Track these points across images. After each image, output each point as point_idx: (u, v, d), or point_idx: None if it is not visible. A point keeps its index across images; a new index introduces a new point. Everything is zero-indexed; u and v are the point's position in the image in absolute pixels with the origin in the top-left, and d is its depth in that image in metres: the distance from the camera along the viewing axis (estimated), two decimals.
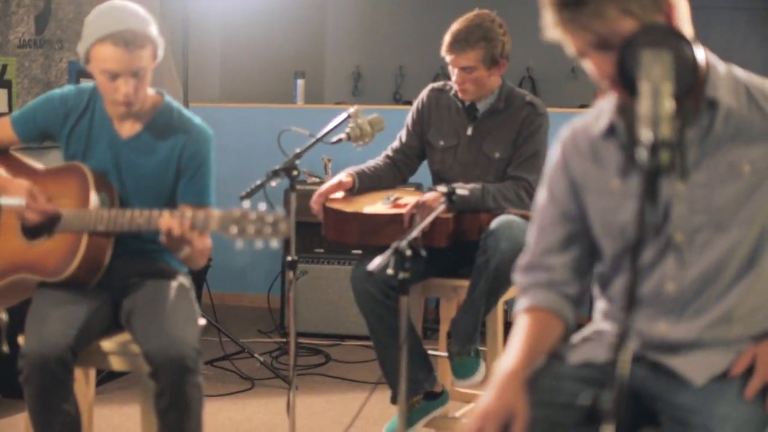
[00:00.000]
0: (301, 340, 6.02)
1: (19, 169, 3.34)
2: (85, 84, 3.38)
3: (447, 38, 3.91)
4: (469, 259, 3.82)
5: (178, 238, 2.93)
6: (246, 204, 2.84)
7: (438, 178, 4.07)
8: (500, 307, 3.89)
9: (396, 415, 3.90)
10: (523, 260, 2.43)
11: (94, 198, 3.14)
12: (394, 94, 9.52)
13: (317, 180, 6.34)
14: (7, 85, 5.64)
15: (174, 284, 3.25)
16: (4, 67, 5.61)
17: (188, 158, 3.28)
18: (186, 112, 3.37)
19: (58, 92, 3.37)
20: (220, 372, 5.39)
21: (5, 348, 2.43)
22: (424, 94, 4.15)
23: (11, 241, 3.21)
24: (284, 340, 6.08)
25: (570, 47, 2.16)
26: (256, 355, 5.41)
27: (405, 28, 9.51)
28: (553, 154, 2.38)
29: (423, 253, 3.15)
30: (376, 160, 4.16)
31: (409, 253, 3.06)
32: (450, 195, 3.59)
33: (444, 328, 4.28)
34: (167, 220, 2.92)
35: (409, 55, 9.46)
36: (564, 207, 2.35)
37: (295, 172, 3.49)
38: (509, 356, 2.25)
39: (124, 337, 3.17)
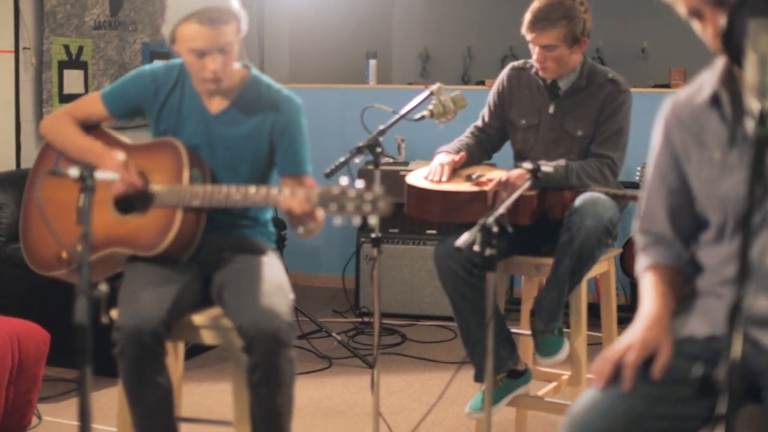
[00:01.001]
0: None
1: (110, 144, 3.38)
2: (174, 60, 3.43)
3: (527, 16, 3.90)
4: (552, 236, 3.82)
5: (301, 216, 2.96)
6: (344, 181, 2.86)
7: (520, 157, 4.06)
8: (583, 285, 3.88)
9: (478, 393, 3.92)
10: (637, 224, 2.47)
11: (187, 174, 3.18)
12: (462, 75, 9.50)
13: (390, 160, 6.37)
14: (83, 66, 5.73)
15: (264, 259, 3.28)
16: (81, 48, 5.69)
17: (280, 131, 3.31)
18: (274, 83, 3.40)
19: (149, 68, 3.42)
20: (297, 351, 5.39)
21: (105, 320, 2.47)
22: (504, 73, 4.15)
23: (105, 215, 3.25)
24: (360, 319, 6.13)
25: (682, 6, 2.15)
26: (334, 334, 5.45)
27: (473, 9, 9.48)
28: (656, 130, 2.38)
29: (509, 229, 3.18)
30: (466, 137, 4.16)
31: (495, 229, 3.08)
32: (535, 172, 3.59)
33: (526, 306, 4.28)
34: (288, 200, 2.95)
35: (478, 36, 9.43)
36: (668, 181, 2.36)
37: (378, 149, 3.50)
38: (649, 303, 2.29)
39: (215, 311, 3.21)
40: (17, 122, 5.37)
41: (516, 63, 4.15)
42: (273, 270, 3.23)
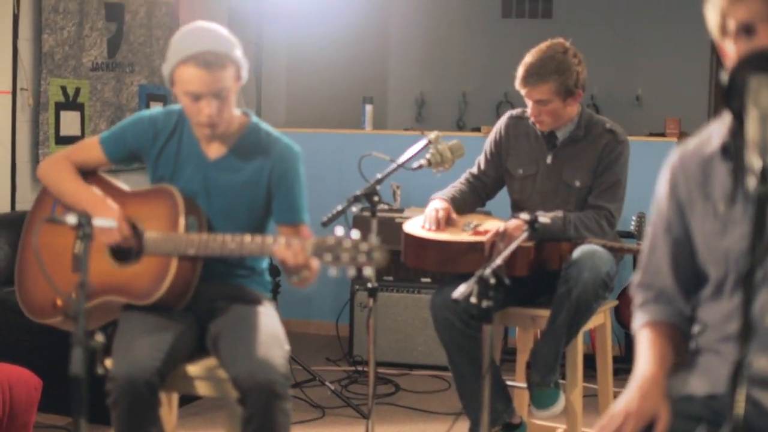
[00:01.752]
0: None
1: (107, 190, 3.37)
2: (174, 106, 3.42)
3: (520, 71, 3.91)
4: (548, 288, 3.83)
5: (295, 266, 2.98)
6: (340, 231, 2.86)
7: (517, 207, 4.07)
8: (579, 337, 3.88)
9: None
10: (637, 278, 2.45)
11: (183, 221, 3.18)
12: (457, 120, 9.55)
13: (386, 207, 6.36)
14: (80, 107, 5.73)
15: (260, 309, 3.27)
16: (78, 90, 5.70)
17: (278, 178, 3.31)
18: (273, 131, 3.39)
19: (147, 113, 3.42)
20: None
21: (100, 370, 2.46)
22: (502, 122, 4.17)
23: (101, 262, 3.24)
24: (353, 368, 6.09)
25: (739, 13, 2.12)
26: (327, 383, 5.42)
27: (469, 54, 9.55)
28: (662, 179, 2.36)
29: (507, 281, 3.17)
30: (461, 184, 4.17)
31: (492, 281, 3.07)
32: (532, 223, 3.58)
33: (521, 358, 4.28)
34: (282, 250, 2.96)
35: (473, 81, 9.50)
36: (673, 232, 2.34)
37: (376, 198, 3.49)
38: (645, 363, 2.27)
39: (210, 362, 3.19)
40: (13, 163, 5.36)
41: (514, 111, 4.17)
42: (269, 320, 3.22)
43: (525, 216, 3.64)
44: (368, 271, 2.87)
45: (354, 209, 3.46)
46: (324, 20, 7.98)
